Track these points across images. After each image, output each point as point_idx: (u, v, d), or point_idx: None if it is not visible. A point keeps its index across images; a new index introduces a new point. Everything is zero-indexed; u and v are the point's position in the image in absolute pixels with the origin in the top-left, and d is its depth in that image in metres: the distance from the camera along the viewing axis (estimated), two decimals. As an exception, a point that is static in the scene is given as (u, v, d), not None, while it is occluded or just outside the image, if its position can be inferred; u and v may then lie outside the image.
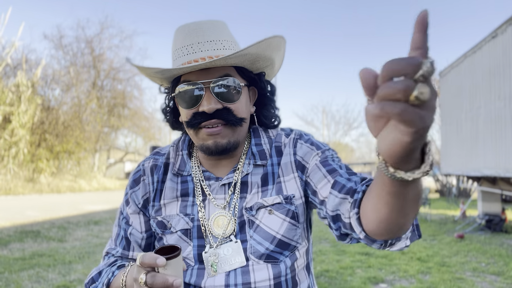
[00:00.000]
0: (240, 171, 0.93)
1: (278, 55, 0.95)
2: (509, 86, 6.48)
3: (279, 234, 0.88)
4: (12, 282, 3.87)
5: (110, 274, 0.88)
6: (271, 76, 1.04)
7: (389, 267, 4.73)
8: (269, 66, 0.96)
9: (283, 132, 1.01)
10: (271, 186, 0.92)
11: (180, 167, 0.98)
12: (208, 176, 0.95)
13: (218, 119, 0.85)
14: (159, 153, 1.03)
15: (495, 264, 4.98)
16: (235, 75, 0.88)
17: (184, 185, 0.95)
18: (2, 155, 15.98)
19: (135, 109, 24.44)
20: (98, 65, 22.61)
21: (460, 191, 15.14)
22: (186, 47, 0.87)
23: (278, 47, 0.90)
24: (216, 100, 0.85)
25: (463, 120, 8.50)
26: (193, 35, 0.87)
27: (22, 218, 8.23)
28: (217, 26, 0.89)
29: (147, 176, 0.99)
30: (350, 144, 38.33)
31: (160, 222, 0.94)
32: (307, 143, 0.95)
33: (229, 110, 0.86)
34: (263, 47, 0.86)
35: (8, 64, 16.82)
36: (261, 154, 0.95)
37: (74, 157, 20.06)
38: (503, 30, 6.67)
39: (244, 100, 0.90)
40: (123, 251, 0.98)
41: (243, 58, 0.86)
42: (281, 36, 0.87)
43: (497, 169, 6.85)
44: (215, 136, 0.86)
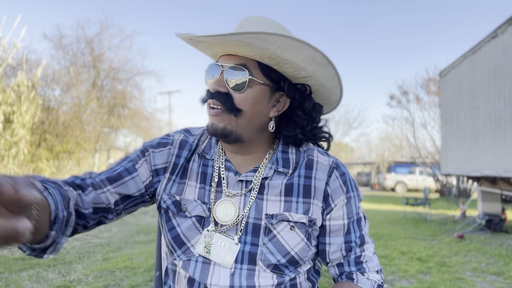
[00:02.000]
0: (261, 173, 0.92)
1: (320, 71, 0.88)
2: (509, 86, 6.48)
3: (293, 251, 0.89)
4: (12, 282, 3.87)
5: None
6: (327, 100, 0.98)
7: (389, 267, 4.73)
8: (308, 79, 0.91)
9: (316, 148, 0.99)
10: (296, 199, 0.91)
11: (205, 149, 0.98)
12: (228, 167, 0.94)
13: (217, 100, 0.87)
14: (190, 132, 1.02)
15: (495, 264, 4.98)
16: (253, 69, 0.87)
17: (204, 168, 0.95)
18: (2, 155, 15.98)
19: (135, 109, 24.42)
20: (98, 65, 22.61)
21: (460, 191, 15.14)
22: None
23: (307, 56, 0.84)
24: (223, 84, 0.87)
25: (463, 120, 8.50)
26: (238, 27, 0.90)
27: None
28: (260, 22, 0.89)
29: (174, 147, 0.97)
30: (350, 144, 38.30)
31: (177, 202, 0.92)
32: (341, 179, 0.94)
33: (229, 96, 0.87)
34: (274, 45, 0.81)
35: (9, 64, 16.84)
36: (285, 162, 0.94)
37: (74, 157, 20.05)
38: (503, 30, 6.67)
39: (253, 96, 0.88)
40: (104, 179, 0.89)
41: (253, 50, 0.83)
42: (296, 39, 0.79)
43: (497, 169, 6.85)
44: (213, 117, 0.88)
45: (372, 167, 30.49)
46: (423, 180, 21.71)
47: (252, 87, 0.87)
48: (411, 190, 22.62)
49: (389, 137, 27.03)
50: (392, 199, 16.62)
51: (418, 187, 22.08)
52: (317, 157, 0.96)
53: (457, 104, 8.86)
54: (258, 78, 0.88)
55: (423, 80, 18.39)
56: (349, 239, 0.94)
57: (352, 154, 38.52)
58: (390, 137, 26.71)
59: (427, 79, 18.15)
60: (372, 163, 31.36)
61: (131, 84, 24.11)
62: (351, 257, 0.94)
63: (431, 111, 18.48)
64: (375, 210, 12.00)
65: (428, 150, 19.70)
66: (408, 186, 22.46)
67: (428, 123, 21.30)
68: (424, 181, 21.62)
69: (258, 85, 0.88)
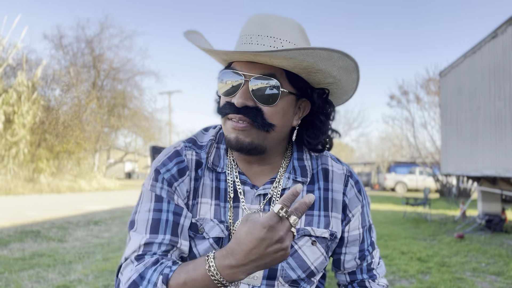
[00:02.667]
0: (279, 184, 0.88)
1: (346, 76, 0.85)
2: (509, 86, 6.48)
3: (313, 265, 0.88)
4: (12, 282, 3.87)
5: (166, 269, 0.74)
6: (340, 99, 0.95)
7: (389, 267, 4.73)
8: (332, 84, 0.87)
9: (329, 155, 0.96)
10: (317, 212, 0.89)
11: (214, 161, 0.90)
12: (243, 181, 0.88)
13: (245, 116, 0.79)
14: (197, 144, 0.92)
15: (495, 264, 4.98)
16: (282, 79, 0.81)
17: (217, 183, 0.89)
18: (2, 155, 15.98)
19: (135, 109, 24.45)
20: (98, 65, 22.62)
21: (460, 191, 15.14)
22: (246, 37, 0.83)
23: (341, 65, 0.81)
24: (249, 96, 0.80)
25: (463, 120, 8.50)
26: (258, 26, 0.82)
27: (22, 218, 8.23)
28: (285, 24, 0.83)
29: (191, 171, 0.88)
30: (350, 144, 38.32)
31: (193, 224, 0.86)
32: (356, 188, 0.95)
33: (259, 110, 0.80)
34: (315, 57, 0.77)
35: (9, 64, 16.83)
36: (303, 171, 0.91)
37: (74, 157, 20.06)
38: (503, 30, 6.67)
39: (283, 108, 0.82)
40: (172, 237, 0.81)
41: (291, 62, 0.77)
42: (338, 51, 0.76)
43: (497, 169, 6.85)
44: (238, 132, 0.81)
45: (372, 167, 30.49)
46: (423, 180, 21.71)
47: (282, 99, 0.81)
48: (411, 190, 22.62)
49: (389, 137, 27.06)
50: (392, 199, 16.62)
51: (418, 187, 22.08)
52: (332, 166, 0.94)
53: (457, 104, 8.86)
54: (287, 88, 0.82)
55: (423, 80, 18.43)
56: (362, 247, 0.96)
57: (352, 154, 38.52)
58: (390, 137, 26.75)
59: (427, 79, 18.17)
60: (372, 163, 31.36)
61: (131, 84, 24.16)
62: (363, 265, 0.96)
63: (431, 111, 18.50)
64: (375, 210, 12.00)
65: (428, 150, 19.72)
66: (408, 186, 22.46)
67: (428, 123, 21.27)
68: (424, 181, 21.62)
69: (287, 95, 0.82)
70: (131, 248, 0.81)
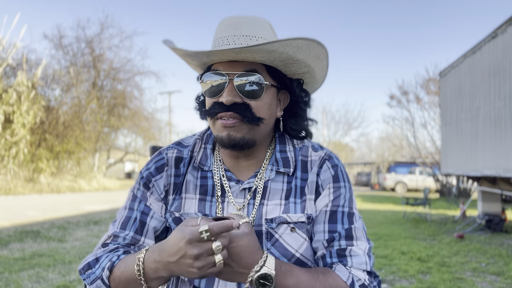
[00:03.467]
0: (262, 176, 0.91)
1: (319, 64, 0.91)
2: (509, 86, 6.48)
3: (298, 253, 0.87)
4: (12, 282, 3.87)
5: (114, 257, 0.81)
6: (312, 88, 1.01)
7: (389, 267, 4.73)
8: (306, 73, 0.93)
9: (310, 144, 0.98)
10: (293, 200, 0.90)
11: (201, 161, 0.95)
12: (229, 177, 0.93)
13: (235, 112, 0.83)
14: (182, 144, 0.99)
15: (495, 264, 4.98)
16: (263, 73, 0.86)
17: (203, 181, 0.93)
18: (2, 155, 15.98)
19: (135, 109, 24.45)
20: (98, 65, 22.61)
21: (460, 191, 15.15)
22: (222, 38, 0.86)
23: (315, 54, 0.87)
24: (236, 93, 0.84)
25: (463, 120, 8.51)
26: (231, 28, 0.86)
27: (22, 218, 8.23)
28: (257, 23, 0.88)
29: (170, 167, 0.95)
30: (350, 144, 38.33)
31: (177, 218, 0.91)
32: (332, 169, 0.93)
33: (247, 106, 0.84)
34: (293, 48, 0.82)
35: (9, 64, 16.83)
36: (285, 162, 0.93)
37: (74, 157, 20.06)
38: (503, 30, 6.67)
39: (268, 101, 0.87)
40: (134, 234, 0.89)
41: (272, 56, 0.83)
42: (317, 41, 0.83)
43: (497, 169, 6.85)
44: (229, 129, 0.85)
45: (372, 167, 30.51)
46: (423, 180, 21.72)
47: (266, 92, 0.86)
48: (411, 190, 22.63)
49: (389, 137, 27.07)
50: (392, 199, 16.62)
51: (418, 187, 22.09)
52: (311, 156, 0.95)
53: (457, 104, 8.86)
54: (269, 81, 0.87)
55: (423, 80, 18.41)
56: (333, 228, 0.88)
57: (352, 154, 38.55)
58: (390, 137, 26.75)
59: (427, 79, 18.17)
60: (372, 163, 31.37)
61: (131, 84, 24.14)
62: (334, 248, 0.87)
63: (431, 111, 18.49)
64: (375, 210, 12.00)
65: (428, 150, 19.71)
66: (408, 186, 22.47)
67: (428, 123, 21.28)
68: (424, 181, 21.63)
69: (269, 88, 0.87)
70: (103, 238, 0.91)
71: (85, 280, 0.82)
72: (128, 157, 35.79)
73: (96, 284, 0.79)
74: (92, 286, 0.80)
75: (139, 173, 0.97)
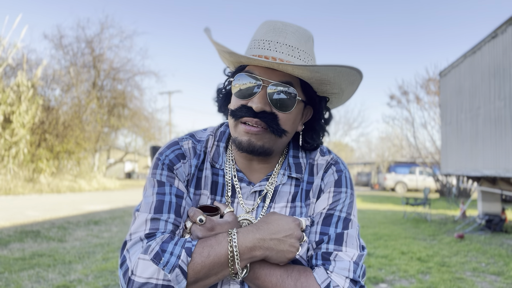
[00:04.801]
0: (274, 181, 0.92)
1: (350, 88, 0.91)
2: (509, 86, 6.48)
3: (298, 255, 0.87)
4: (12, 282, 3.87)
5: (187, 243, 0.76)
6: (335, 105, 1.01)
7: (389, 267, 4.73)
8: (336, 94, 0.93)
9: (319, 148, 0.99)
10: (299, 203, 0.91)
11: (214, 158, 0.93)
12: (241, 177, 0.92)
13: (261, 120, 0.83)
14: (195, 138, 0.96)
15: (495, 264, 4.98)
16: (297, 87, 0.85)
17: (215, 178, 0.92)
18: (2, 155, 15.97)
19: (135, 109, 24.45)
20: (98, 65, 22.61)
21: (460, 191, 15.15)
22: (264, 42, 0.85)
23: (351, 80, 0.86)
24: (267, 102, 0.83)
25: (463, 120, 8.51)
26: (276, 33, 0.85)
27: (22, 218, 8.23)
28: (302, 35, 0.86)
29: (189, 158, 0.92)
30: (350, 144, 38.32)
31: None
32: (336, 174, 0.93)
33: (275, 116, 0.84)
34: (335, 73, 0.82)
35: (9, 64, 16.83)
36: (297, 167, 0.94)
37: (74, 157, 20.05)
38: (503, 30, 6.67)
39: (295, 114, 0.87)
40: (176, 217, 0.83)
41: (312, 75, 0.83)
42: (359, 71, 0.83)
43: (497, 169, 6.85)
44: (251, 135, 0.84)
45: (372, 167, 30.50)
46: (423, 180, 21.72)
47: (296, 106, 0.86)
48: (411, 190, 22.63)
49: (389, 137, 27.07)
50: (392, 199, 16.62)
51: (418, 187, 22.08)
52: (317, 159, 0.96)
53: (457, 104, 8.86)
54: (301, 96, 0.87)
55: (423, 80, 18.43)
56: (325, 231, 0.86)
57: (352, 154, 38.53)
58: (390, 137, 26.75)
59: (427, 79, 18.18)
60: (372, 163, 31.36)
61: (131, 84, 24.14)
62: (320, 250, 0.85)
63: (431, 111, 18.50)
64: (375, 210, 12.00)
65: (428, 150, 19.72)
66: (408, 186, 22.47)
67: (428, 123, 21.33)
68: (424, 181, 21.62)
69: (299, 103, 0.87)
70: (137, 224, 0.82)
71: (164, 268, 0.74)
72: (128, 157, 35.79)
73: (175, 272, 0.74)
74: (172, 275, 0.74)
75: (155, 159, 0.91)
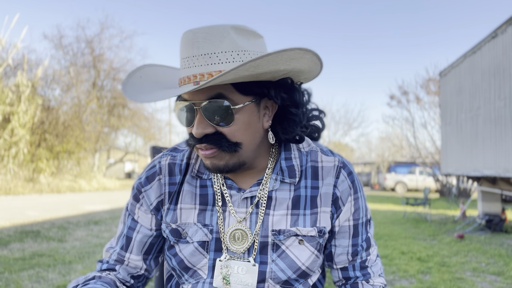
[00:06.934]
0: (265, 186, 0.86)
1: (299, 64, 0.77)
2: (509, 86, 6.49)
3: (304, 265, 0.85)
4: (12, 282, 3.87)
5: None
6: (306, 79, 0.87)
7: (389, 267, 4.73)
8: (289, 73, 0.80)
9: (319, 148, 0.92)
10: (303, 211, 0.86)
11: (200, 169, 0.89)
12: (230, 185, 0.87)
13: (208, 143, 0.77)
14: (178, 150, 0.93)
15: (495, 264, 4.98)
16: (231, 94, 0.76)
17: (203, 190, 0.88)
18: (2, 155, 15.97)
19: (135, 109, 24.45)
20: (98, 65, 22.62)
21: (460, 191, 15.15)
22: (183, 60, 0.78)
23: (286, 58, 0.73)
24: (206, 123, 0.76)
25: (463, 120, 8.51)
26: (189, 46, 0.76)
27: (22, 218, 8.23)
28: (214, 36, 0.75)
29: (163, 176, 0.90)
30: (350, 144, 38.31)
31: (174, 230, 0.87)
32: (349, 179, 0.89)
33: (221, 134, 0.77)
34: (259, 68, 0.71)
35: (9, 65, 16.82)
36: (291, 171, 0.87)
37: (74, 157, 20.05)
38: (503, 30, 6.67)
39: (244, 121, 0.78)
40: (120, 251, 0.90)
41: (237, 78, 0.72)
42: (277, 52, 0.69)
43: (497, 169, 6.85)
44: (210, 159, 0.79)
45: (372, 167, 30.50)
46: (423, 180, 21.72)
47: (239, 113, 0.77)
48: (411, 190, 22.62)
49: (389, 137, 27.06)
50: (392, 199, 16.62)
51: (418, 187, 22.08)
52: (321, 161, 0.89)
53: (457, 104, 8.86)
54: (240, 101, 0.77)
55: (423, 80, 18.44)
56: (356, 242, 0.89)
57: (352, 154, 38.52)
58: (390, 137, 26.75)
59: (427, 79, 18.19)
60: (372, 163, 31.36)
61: (131, 84, 24.08)
62: (356, 261, 0.90)
63: (431, 111, 18.51)
64: (375, 210, 12.00)
65: (428, 150, 19.73)
66: (408, 186, 22.47)
67: (428, 123, 21.36)
68: (424, 181, 21.62)
69: (243, 107, 0.77)
70: (109, 243, 0.96)
71: None
72: (128, 157, 35.78)
73: None
74: None
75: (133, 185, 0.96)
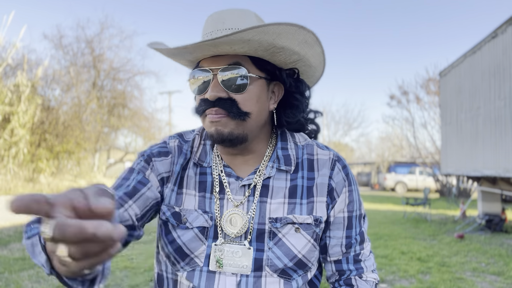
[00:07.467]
0: (262, 173, 0.89)
1: (310, 51, 0.86)
2: (509, 86, 6.48)
3: (301, 254, 0.86)
4: (12, 282, 3.87)
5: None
6: (313, 77, 0.97)
7: (389, 267, 4.73)
8: (299, 62, 0.88)
9: (315, 143, 0.96)
10: (300, 200, 0.88)
11: (200, 157, 0.93)
12: (228, 173, 0.90)
13: (220, 107, 0.81)
14: (183, 138, 0.97)
15: (495, 264, 4.98)
16: (247, 65, 0.83)
17: (202, 177, 0.91)
18: (2, 155, 15.98)
19: (135, 109, 24.43)
20: (98, 65, 22.60)
21: (460, 191, 15.14)
22: (206, 35, 0.85)
23: (301, 39, 0.81)
24: (221, 88, 0.81)
25: (463, 120, 8.50)
26: (214, 23, 0.84)
27: (22, 218, 8.22)
28: (241, 15, 0.85)
29: (174, 156, 0.92)
30: (350, 144, 38.30)
31: (176, 213, 0.88)
32: (343, 172, 0.92)
33: (233, 101, 0.82)
34: (272, 35, 0.77)
35: (8, 64, 16.82)
36: (286, 159, 0.91)
37: (74, 157, 20.05)
38: (503, 30, 6.67)
39: (255, 94, 0.84)
40: (123, 195, 0.82)
41: (251, 46, 0.79)
42: (294, 24, 0.77)
43: (497, 169, 6.85)
44: (216, 124, 0.83)
45: (372, 167, 30.49)
46: (423, 180, 21.71)
47: (252, 84, 0.83)
48: (411, 190, 22.62)
49: (389, 137, 27.05)
50: (392, 199, 16.62)
51: (418, 187, 22.07)
52: (317, 154, 0.93)
53: (457, 104, 8.86)
54: (255, 73, 0.84)
55: (423, 80, 18.41)
56: (349, 234, 0.91)
57: (352, 154, 38.51)
58: (390, 137, 26.73)
59: (427, 79, 18.17)
60: (372, 163, 31.36)
61: (131, 84, 24.09)
62: (350, 254, 0.91)
63: (431, 111, 18.49)
64: (375, 210, 11.99)
65: (428, 150, 19.72)
66: (408, 186, 22.45)
67: (428, 123, 21.32)
68: (424, 181, 21.61)
69: (256, 80, 0.84)
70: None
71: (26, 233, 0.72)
72: (128, 157, 35.76)
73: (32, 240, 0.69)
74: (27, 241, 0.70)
75: (139, 153, 0.94)
